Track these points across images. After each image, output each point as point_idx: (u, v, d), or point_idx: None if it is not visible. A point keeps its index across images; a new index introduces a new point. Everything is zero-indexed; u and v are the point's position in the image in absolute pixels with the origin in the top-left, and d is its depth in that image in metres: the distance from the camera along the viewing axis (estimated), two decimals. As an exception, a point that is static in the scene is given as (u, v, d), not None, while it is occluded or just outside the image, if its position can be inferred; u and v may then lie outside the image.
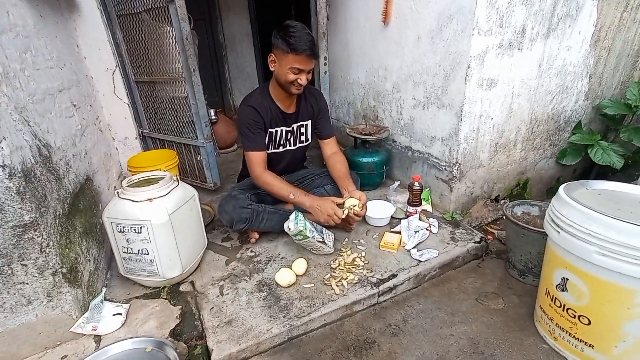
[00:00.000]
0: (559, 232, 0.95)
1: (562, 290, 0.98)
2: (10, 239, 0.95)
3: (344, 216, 1.42)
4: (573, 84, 1.75)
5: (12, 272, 0.98)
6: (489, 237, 1.62)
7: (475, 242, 1.52)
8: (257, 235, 1.61)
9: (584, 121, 1.88)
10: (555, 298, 1.01)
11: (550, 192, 1.99)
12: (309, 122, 1.66)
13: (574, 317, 0.96)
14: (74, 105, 1.54)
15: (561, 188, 1.02)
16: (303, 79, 1.39)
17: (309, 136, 1.70)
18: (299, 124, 1.63)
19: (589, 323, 0.93)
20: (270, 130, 1.56)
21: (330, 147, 1.69)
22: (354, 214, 1.44)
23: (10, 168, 0.92)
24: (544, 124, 1.78)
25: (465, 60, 1.47)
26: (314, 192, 1.66)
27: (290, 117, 1.59)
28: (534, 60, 1.58)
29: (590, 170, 2.00)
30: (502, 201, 1.84)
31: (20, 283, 1.00)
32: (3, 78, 0.99)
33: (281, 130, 1.59)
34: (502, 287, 1.36)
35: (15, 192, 0.92)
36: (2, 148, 0.90)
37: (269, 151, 1.60)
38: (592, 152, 1.75)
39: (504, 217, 1.38)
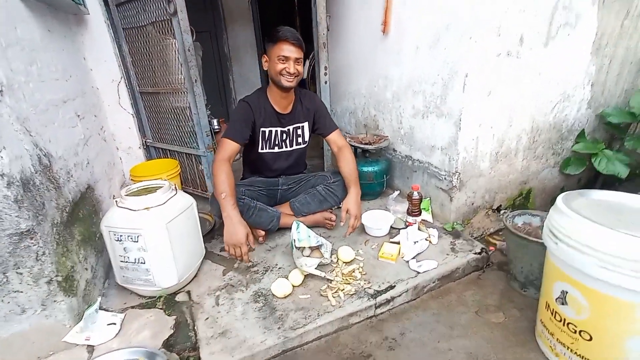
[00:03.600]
0: (557, 244, 0.93)
1: (562, 304, 0.95)
2: (6, 247, 0.96)
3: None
4: (575, 92, 1.73)
5: (7, 280, 0.99)
6: (490, 248, 1.59)
7: (475, 253, 1.49)
8: (263, 233, 1.64)
9: (587, 130, 1.85)
10: (556, 312, 0.98)
11: (554, 202, 1.94)
12: (305, 124, 1.69)
13: (575, 332, 0.92)
14: (78, 116, 1.57)
15: (559, 198, 1.00)
16: (291, 67, 1.46)
17: (307, 138, 1.73)
18: (294, 125, 1.67)
19: (591, 339, 0.89)
20: (263, 129, 1.60)
21: (334, 142, 1.70)
22: (351, 225, 1.51)
23: (9, 177, 0.94)
24: (546, 132, 1.76)
25: (462, 69, 1.47)
26: (307, 192, 1.70)
27: (284, 117, 1.63)
28: (534, 68, 1.57)
29: (596, 180, 1.95)
30: (503, 211, 1.80)
31: (15, 291, 1.01)
32: (7, 90, 1.02)
33: (275, 131, 1.63)
34: (503, 300, 1.32)
35: (12, 200, 0.94)
36: (2, 157, 0.92)
37: (264, 151, 1.65)
38: (597, 161, 1.71)
39: (505, 228, 1.35)
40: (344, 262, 1.46)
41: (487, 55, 1.45)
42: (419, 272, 1.38)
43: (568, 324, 0.93)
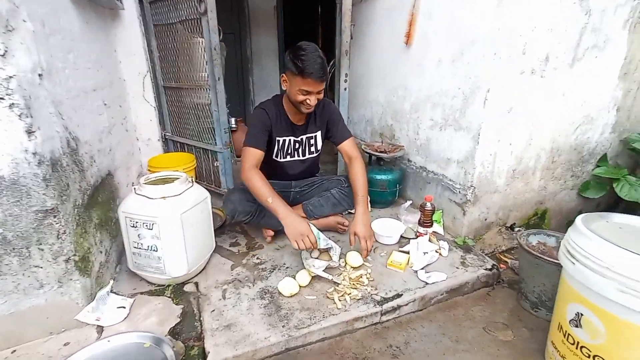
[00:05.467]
0: (574, 264, 0.91)
1: (576, 327, 0.92)
2: (31, 222, 1.00)
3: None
4: (599, 115, 1.70)
5: (29, 254, 1.03)
6: (501, 265, 1.56)
7: (486, 269, 1.46)
8: (272, 233, 1.64)
9: (610, 154, 1.82)
10: (569, 334, 0.95)
11: (570, 224, 1.90)
12: (318, 133, 1.67)
13: (589, 356, 0.89)
14: (105, 105, 1.63)
15: (578, 218, 0.98)
16: (312, 100, 1.41)
17: (319, 147, 1.72)
18: (307, 135, 1.65)
19: (605, 365, 0.87)
20: (278, 138, 1.59)
21: (346, 152, 1.63)
22: (364, 248, 1.44)
23: (40, 156, 0.98)
24: (566, 153, 1.73)
25: (484, 84, 1.47)
26: (321, 195, 1.70)
27: (298, 128, 1.62)
28: (557, 88, 1.55)
29: (616, 206, 1.90)
30: (517, 229, 1.77)
31: (36, 266, 1.04)
32: (46, 75, 1.07)
33: (289, 140, 1.63)
34: (512, 318, 1.29)
35: (41, 178, 0.98)
36: (36, 137, 0.97)
37: (279, 159, 1.65)
38: (618, 186, 1.67)
39: (518, 246, 1.33)
40: (352, 267, 1.46)
41: (510, 72, 1.45)
42: (427, 283, 1.37)
43: (582, 347, 0.91)
